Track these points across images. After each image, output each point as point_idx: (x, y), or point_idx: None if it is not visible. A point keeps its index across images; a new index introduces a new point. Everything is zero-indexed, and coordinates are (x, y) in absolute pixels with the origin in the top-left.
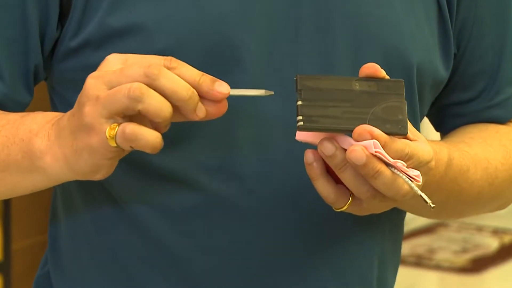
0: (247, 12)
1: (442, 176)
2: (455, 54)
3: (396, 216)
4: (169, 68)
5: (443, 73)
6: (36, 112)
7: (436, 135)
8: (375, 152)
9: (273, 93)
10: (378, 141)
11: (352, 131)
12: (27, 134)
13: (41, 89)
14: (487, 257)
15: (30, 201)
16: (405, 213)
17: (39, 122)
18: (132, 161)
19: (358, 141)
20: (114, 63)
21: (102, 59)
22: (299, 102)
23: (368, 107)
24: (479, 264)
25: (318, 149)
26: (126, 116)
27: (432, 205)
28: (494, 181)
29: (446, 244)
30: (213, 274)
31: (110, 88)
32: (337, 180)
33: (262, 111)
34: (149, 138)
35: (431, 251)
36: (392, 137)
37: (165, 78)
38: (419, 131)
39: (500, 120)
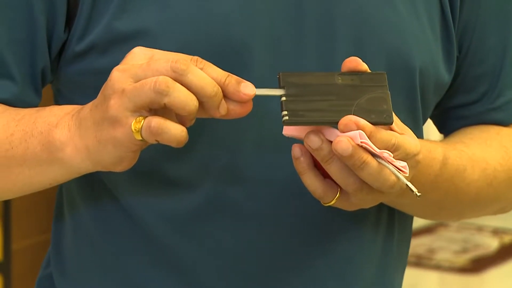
0: (250, 13)
1: (437, 175)
2: (457, 57)
3: (401, 216)
4: None
5: (446, 76)
6: (51, 106)
7: (439, 137)
8: (361, 142)
9: None
10: (364, 131)
11: (337, 122)
12: (46, 127)
13: (44, 91)
14: (487, 257)
15: (30, 201)
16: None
17: (57, 114)
18: (137, 163)
19: (344, 132)
20: (140, 57)
21: (108, 64)
22: (283, 98)
23: (353, 99)
24: (479, 264)
25: (305, 143)
26: (152, 110)
27: (418, 194)
28: (493, 182)
29: (446, 244)
30: (215, 275)
31: (136, 81)
32: (325, 175)
33: (266, 113)
34: (174, 132)
35: (431, 251)
36: (378, 127)
37: (192, 74)
38: (422, 134)
39: (502, 123)
